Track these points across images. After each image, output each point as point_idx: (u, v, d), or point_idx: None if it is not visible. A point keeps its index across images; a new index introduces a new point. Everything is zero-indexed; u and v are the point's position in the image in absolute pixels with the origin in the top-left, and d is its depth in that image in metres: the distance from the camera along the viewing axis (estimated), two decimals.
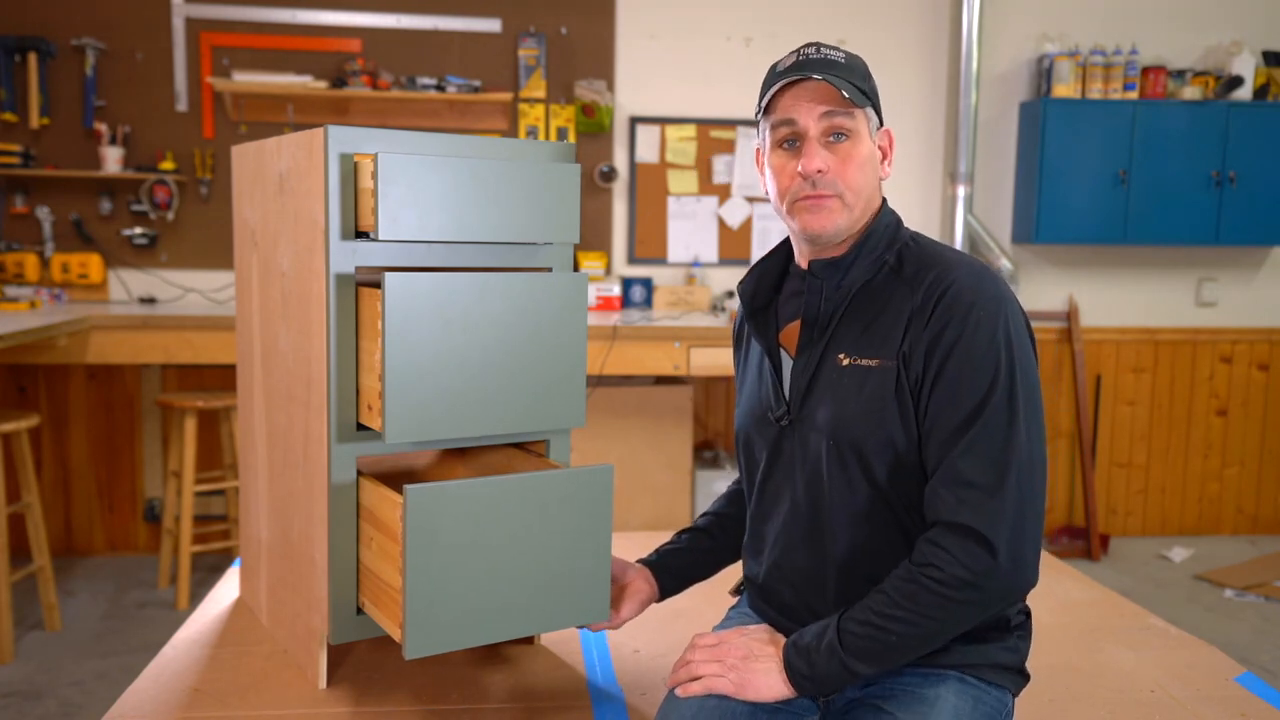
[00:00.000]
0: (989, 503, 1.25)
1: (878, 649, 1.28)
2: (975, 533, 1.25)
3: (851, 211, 1.38)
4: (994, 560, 1.24)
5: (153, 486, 4.45)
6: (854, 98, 1.33)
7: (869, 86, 1.39)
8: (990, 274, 1.35)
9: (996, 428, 1.27)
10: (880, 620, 1.28)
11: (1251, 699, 1.73)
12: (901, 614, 1.27)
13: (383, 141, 1.55)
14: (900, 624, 1.27)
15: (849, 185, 1.37)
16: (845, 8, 4.62)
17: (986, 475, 1.26)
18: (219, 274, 4.39)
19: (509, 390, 1.57)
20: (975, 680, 1.38)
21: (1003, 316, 1.30)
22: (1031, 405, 1.30)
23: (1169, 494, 5.00)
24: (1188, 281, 4.91)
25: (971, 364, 1.28)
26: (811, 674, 1.31)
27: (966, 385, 1.28)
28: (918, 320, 1.32)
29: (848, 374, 1.37)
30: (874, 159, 1.40)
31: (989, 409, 1.27)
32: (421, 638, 1.44)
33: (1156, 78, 4.55)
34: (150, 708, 1.61)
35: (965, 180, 4.56)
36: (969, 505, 1.26)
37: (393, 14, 4.37)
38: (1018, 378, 1.29)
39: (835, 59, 1.37)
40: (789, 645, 1.35)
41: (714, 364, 3.96)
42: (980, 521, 1.25)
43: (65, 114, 4.25)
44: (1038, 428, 1.31)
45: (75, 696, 3.03)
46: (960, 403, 1.28)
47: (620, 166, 4.57)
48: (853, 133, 1.36)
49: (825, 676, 1.31)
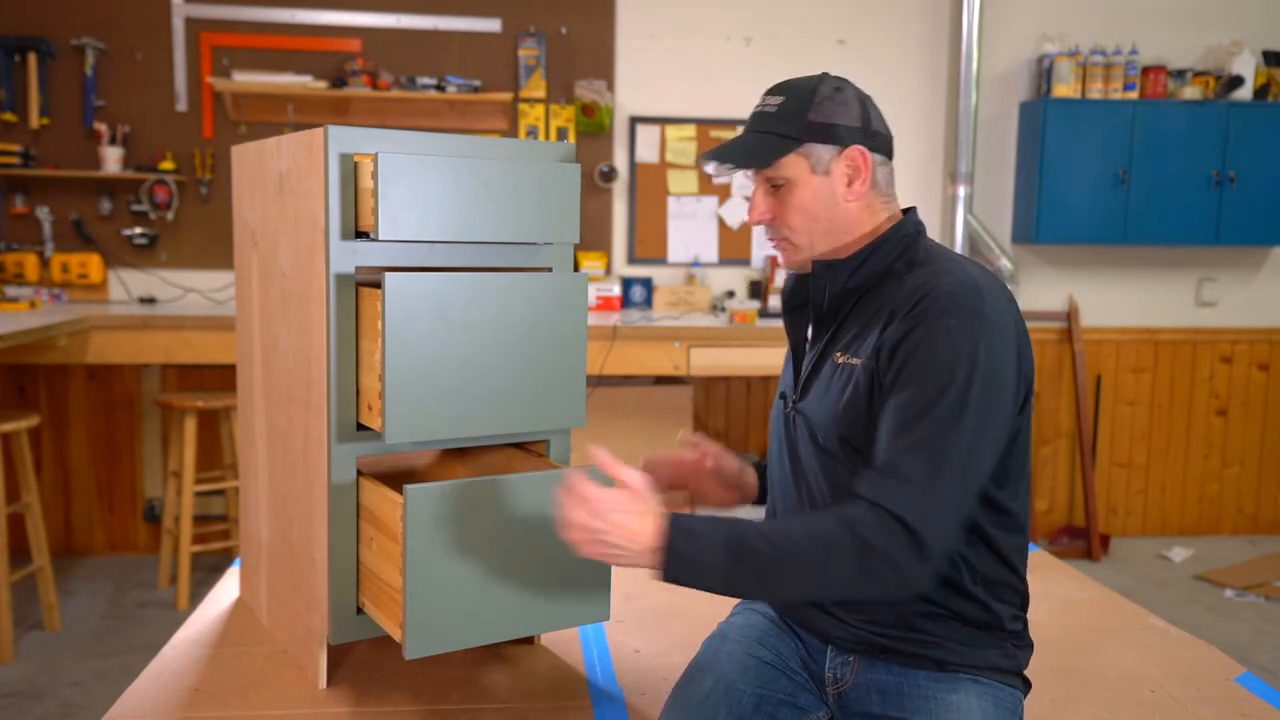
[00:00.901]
0: (924, 500, 1.25)
1: (766, 571, 1.24)
2: (909, 526, 1.24)
3: (807, 249, 1.46)
4: (920, 560, 1.24)
5: (153, 486, 4.45)
6: (754, 161, 1.43)
7: (803, 124, 1.41)
8: (981, 287, 1.34)
9: (941, 428, 1.27)
10: (790, 548, 1.24)
11: (1251, 699, 1.73)
12: (816, 555, 1.24)
13: (383, 141, 1.55)
14: (805, 561, 1.24)
15: (791, 228, 1.45)
16: (845, 8, 4.62)
17: (922, 473, 1.26)
18: (219, 274, 4.39)
19: (509, 390, 1.57)
20: (987, 680, 1.39)
21: (979, 330, 1.30)
22: (985, 418, 1.29)
23: (1169, 494, 5.00)
24: (1188, 281, 4.91)
25: (930, 365, 1.29)
26: (690, 555, 1.24)
27: (919, 384, 1.29)
28: (896, 321, 1.34)
29: (839, 371, 1.41)
30: (822, 194, 1.42)
31: (938, 409, 1.27)
32: (421, 638, 1.44)
33: (1156, 78, 4.54)
34: (150, 708, 1.61)
35: (965, 180, 4.56)
36: (905, 498, 1.25)
37: (393, 14, 4.37)
38: (975, 387, 1.28)
39: (769, 110, 1.45)
40: (674, 520, 1.26)
41: (714, 364, 3.96)
42: (915, 517, 1.24)
43: (65, 114, 4.25)
44: (986, 441, 1.30)
45: (75, 696, 3.03)
46: (910, 401, 1.29)
47: (620, 166, 4.57)
48: (786, 180, 1.43)
49: (700, 567, 1.24)
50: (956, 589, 1.37)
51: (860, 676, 1.43)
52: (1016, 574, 1.43)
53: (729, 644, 1.50)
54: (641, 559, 1.25)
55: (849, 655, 1.44)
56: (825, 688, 1.46)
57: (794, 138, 1.41)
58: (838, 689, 1.45)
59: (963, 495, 1.28)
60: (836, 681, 1.45)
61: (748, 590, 1.29)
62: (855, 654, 1.43)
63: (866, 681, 1.42)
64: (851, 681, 1.43)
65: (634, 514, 1.25)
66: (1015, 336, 1.34)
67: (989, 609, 1.39)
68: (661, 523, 1.25)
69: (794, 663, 1.48)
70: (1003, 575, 1.41)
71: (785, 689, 1.44)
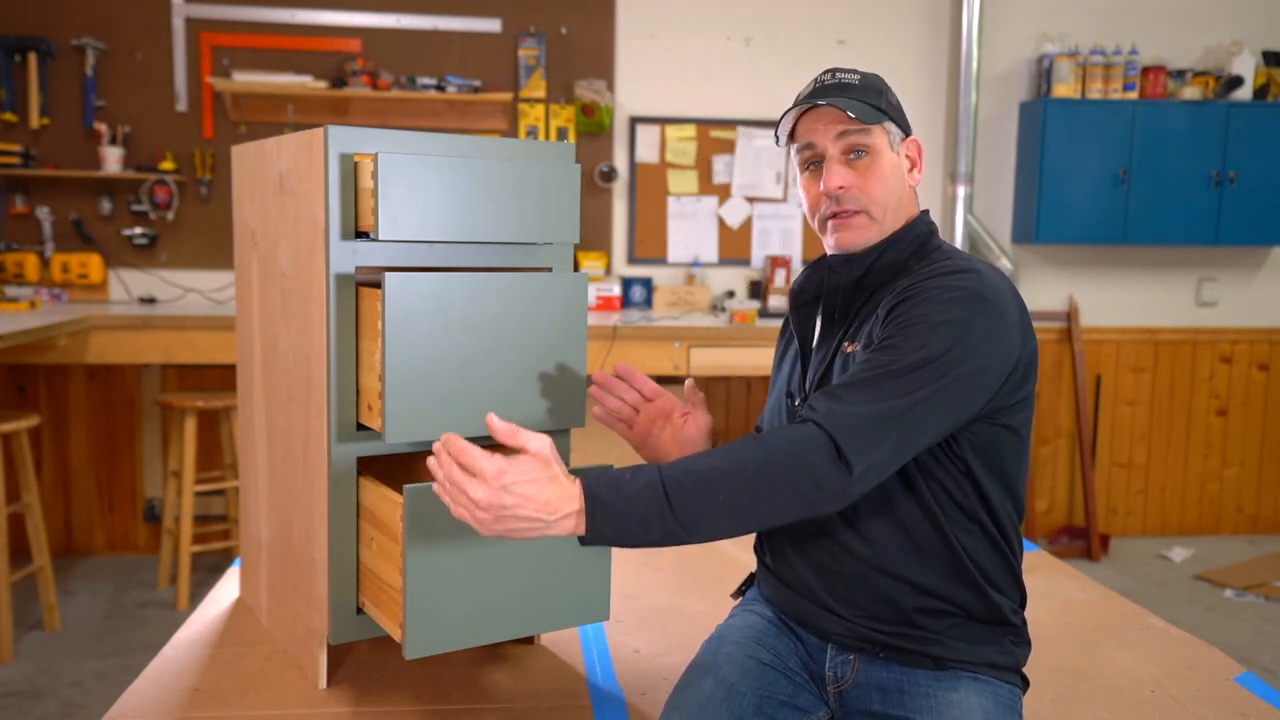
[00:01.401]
0: (855, 424, 1.22)
1: (697, 501, 1.18)
2: (834, 440, 1.21)
3: (880, 224, 1.44)
4: (841, 471, 1.21)
5: (153, 486, 4.45)
6: (863, 116, 1.39)
7: (885, 102, 1.45)
8: (983, 275, 1.35)
9: (898, 379, 1.25)
10: (714, 476, 1.20)
11: (1251, 699, 1.73)
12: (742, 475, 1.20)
13: (383, 141, 1.55)
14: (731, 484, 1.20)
15: (872, 199, 1.43)
16: (845, 8, 4.62)
17: (862, 404, 1.24)
18: (219, 274, 4.39)
19: (509, 390, 1.57)
20: (987, 677, 1.40)
21: (971, 309, 1.30)
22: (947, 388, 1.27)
23: (1169, 494, 5.00)
24: (1188, 281, 4.91)
25: (911, 329, 1.29)
26: (615, 501, 1.17)
27: (898, 345, 1.28)
28: (896, 298, 1.35)
29: (847, 361, 1.41)
30: (898, 170, 1.45)
31: (903, 364, 1.26)
32: (421, 638, 1.44)
33: (1156, 78, 4.54)
34: (150, 708, 1.61)
35: (965, 180, 4.56)
36: (838, 418, 1.23)
37: (393, 14, 4.37)
38: (949, 357, 1.27)
39: (849, 82, 1.44)
40: (593, 472, 1.21)
41: (714, 364, 3.96)
42: (842, 435, 1.21)
43: (65, 114, 4.25)
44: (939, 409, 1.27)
45: (75, 696, 3.03)
46: (882, 356, 1.28)
47: (620, 166, 4.57)
48: (870, 148, 1.42)
49: (630, 510, 1.17)
50: (958, 578, 1.38)
51: (861, 675, 1.43)
52: (1015, 566, 1.44)
53: (728, 646, 1.49)
54: (556, 528, 1.16)
55: (849, 654, 1.44)
56: (825, 687, 1.46)
57: (882, 110, 1.43)
58: (838, 688, 1.45)
59: (896, 442, 1.25)
60: (837, 680, 1.45)
61: (679, 527, 1.19)
62: (855, 652, 1.43)
63: (867, 680, 1.42)
64: (852, 680, 1.43)
65: (543, 481, 1.15)
66: (1011, 326, 1.34)
67: (989, 600, 1.39)
68: (576, 486, 1.17)
69: (793, 663, 1.48)
70: (1001, 565, 1.42)
71: (785, 690, 1.44)
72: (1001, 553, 1.42)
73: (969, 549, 1.38)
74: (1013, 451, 1.40)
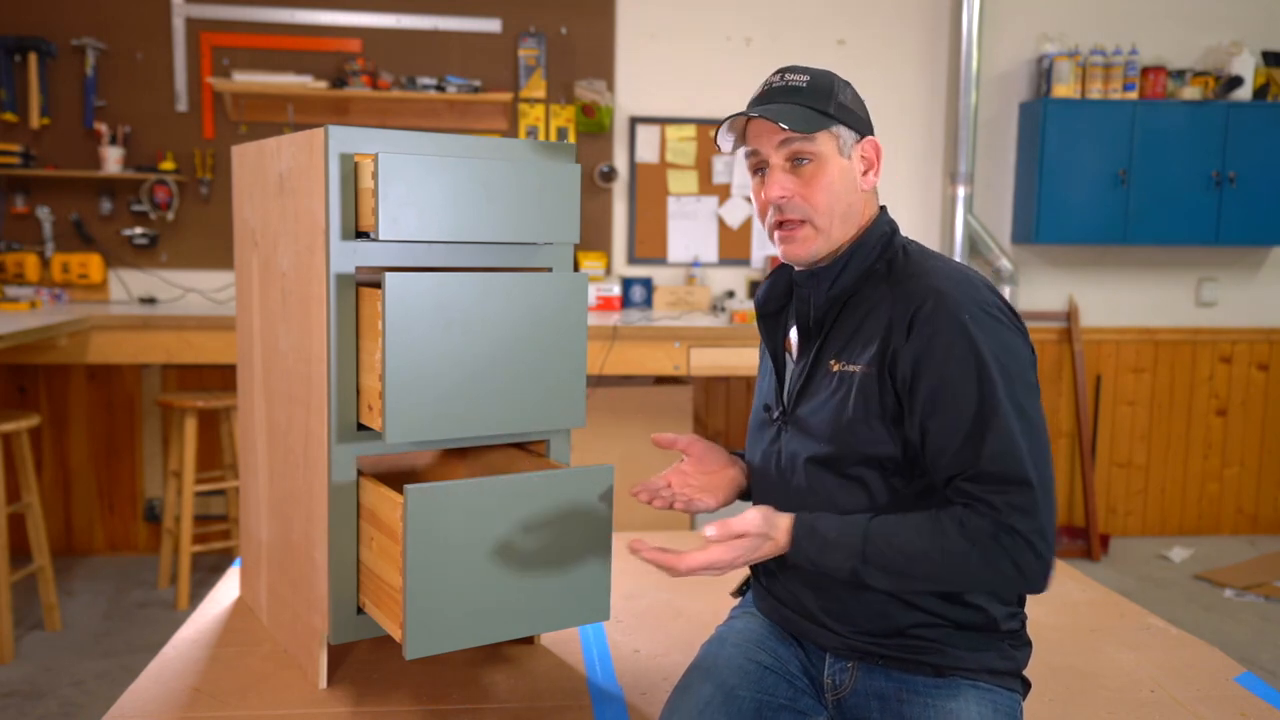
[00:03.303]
0: (1027, 498, 1.27)
1: (896, 572, 1.30)
2: (1025, 538, 1.27)
3: (826, 234, 1.41)
4: (1046, 574, 1.30)
5: (153, 486, 4.45)
6: (801, 125, 1.36)
7: (835, 104, 1.41)
8: (972, 281, 1.36)
9: (1008, 423, 1.28)
10: (919, 554, 1.29)
11: (1251, 699, 1.73)
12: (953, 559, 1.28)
13: (383, 141, 1.55)
14: (936, 565, 1.29)
15: (816, 208, 1.40)
16: (845, 8, 4.62)
17: (1017, 471, 1.27)
18: (219, 274, 4.39)
19: (509, 390, 1.57)
20: (985, 684, 1.39)
21: (982, 322, 1.31)
22: (1032, 395, 1.32)
23: (1169, 494, 5.00)
24: (1188, 281, 4.91)
25: (963, 372, 1.29)
26: (818, 561, 1.33)
27: (963, 394, 1.29)
28: (899, 329, 1.34)
29: (836, 378, 1.39)
30: (846, 176, 1.41)
31: (992, 408, 1.28)
32: (422, 638, 1.44)
33: (1156, 78, 4.55)
34: (150, 708, 1.61)
35: (965, 180, 4.56)
36: (1012, 507, 1.27)
37: (393, 14, 4.37)
38: (1012, 373, 1.30)
39: (797, 85, 1.41)
40: (804, 527, 1.34)
41: (714, 364, 3.96)
42: (1026, 525, 1.27)
43: (65, 114, 4.25)
44: (1040, 416, 1.33)
45: (75, 696, 3.03)
46: (962, 411, 1.29)
47: (620, 166, 4.57)
48: (815, 156, 1.39)
49: (828, 568, 1.33)
50: (951, 598, 1.37)
51: (859, 684, 1.42)
52: None
53: (728, 648, 1.49)
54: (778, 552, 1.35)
55: (847, 662, 1.43)
56: (825, 693, 1.46)
57: (829, 115, 1.40)
58: (837, 695, 1.44)
59: (1049, 475, 1.30)
60: (835, 688, 1.44)
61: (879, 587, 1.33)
62: (853, 661, 1.43)
63: (865, 688, 1.42)
64: (850, 688, 1.43)
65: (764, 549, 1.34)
66: (1018, 324, 1.36)
67: (985, 612, 1.39)
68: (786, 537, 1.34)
69: (793, 667, 1.47)
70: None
71: (785, 694, 1.43)
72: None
73: None
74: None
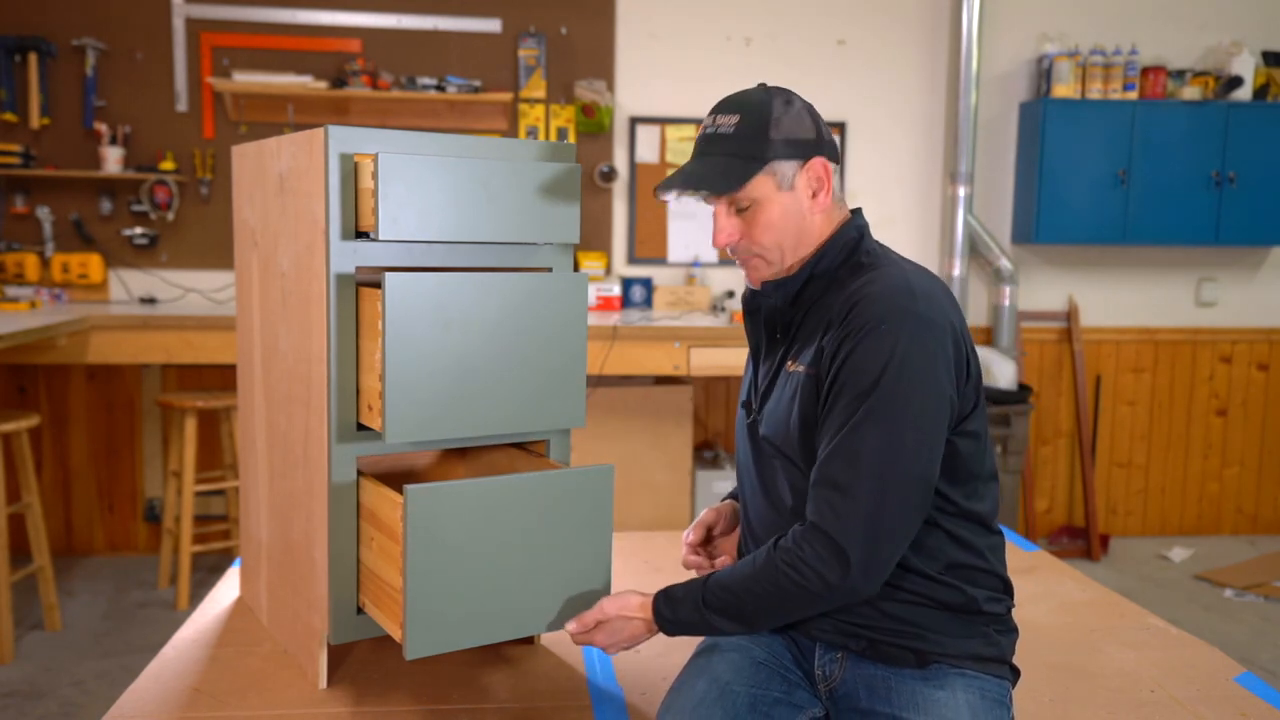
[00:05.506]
0: (844, 504, 1.31)
1: (734, 613, 1.40)
2: (833, 541, 1.31)
3: (778, 262, 1.46)
4: (846, 572, 1.31)
5: (153, 486, 4.45)
6: (722, 188, 1.40)
7: (766, 141, 1.41)
8: (914, 288, 1.36)
9: (865, 434, 1.30)
10: (741, 591, 1.39)
11: (1251, 699, 1.73)
12: (760, 590, 1.37)
13: (383, 141, 1.55)
14: (756, 599, 1.37)
15: (762, 245, 1.45)
16: (845, 8, 4.62)
17: (845, 476, 1.31)
18: (219, 274, 4.39)
19: (509, 390, 1.57)
20: (972, 672, 1.40)
21: (907, 330, 1.31)
22: (912, 417, 1.31)
23: (1169, 494, 5.00)
24: (1187, 281, 4.91)
25: (857, 371, 1.32)
26: (674, 619, 1.44)
27: (848, 393, 1.33)
28: (832, 332, 1.37)
29: (789, 380, 1.44)
30: (790, 209, 1.43)
31: (861, 414, 1.31)
32: (422, 638, 1.44)
33: (1156, 78, 4.54)
34: (150, 708, 1.61)
35: (965, 180, 4.56)
36: (830, 508, 1.32)
37: (393, 14, 4.37)
38: (900, 388, 1.30)
39: (724, 133, 1.44)
40: (660, 595, 1.46)
41: (714, 364, 3.96)
42: (837, 528, 1.31)
43: (65, 114, 4.25)
44: (921, 444, 1.32)
45: (75, 696, 3.03)
46: (840, 410, 1.33)
47: (620, 166, 4.57)
48: (753, 201, 1.42)
49: (686, 623, 1.44)
50: (923, 575, 1.40)
51: (849, 673, 1.44)
52: (986, 561, 1.45)
53: (722, 645, 1.51)
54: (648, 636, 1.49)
55: (836, 652, 1.46)
56: (817, 685, 1.48)
57: (759, 158, 1.40)
58: (828, 686, 1.47)
59: (884, 495, 1.30)
60: (827, 679, 1.47)
61: (730, 631, 1.43)
62: (842, 650, 1.45)
63: (854, 677, 1.44)
64: (840, 678, 1.45)
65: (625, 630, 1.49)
66: (951, 334, 1.35)
67: (963, 592, 1.41)
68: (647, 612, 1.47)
69: (787, 660, 1.50)
70: (971, 561, 1.42)
71: (779, 687, 1.45)
72: (970, 548, 1.42)
73: (931, 548, 1.40)
74: (970, 457, 1.41)
